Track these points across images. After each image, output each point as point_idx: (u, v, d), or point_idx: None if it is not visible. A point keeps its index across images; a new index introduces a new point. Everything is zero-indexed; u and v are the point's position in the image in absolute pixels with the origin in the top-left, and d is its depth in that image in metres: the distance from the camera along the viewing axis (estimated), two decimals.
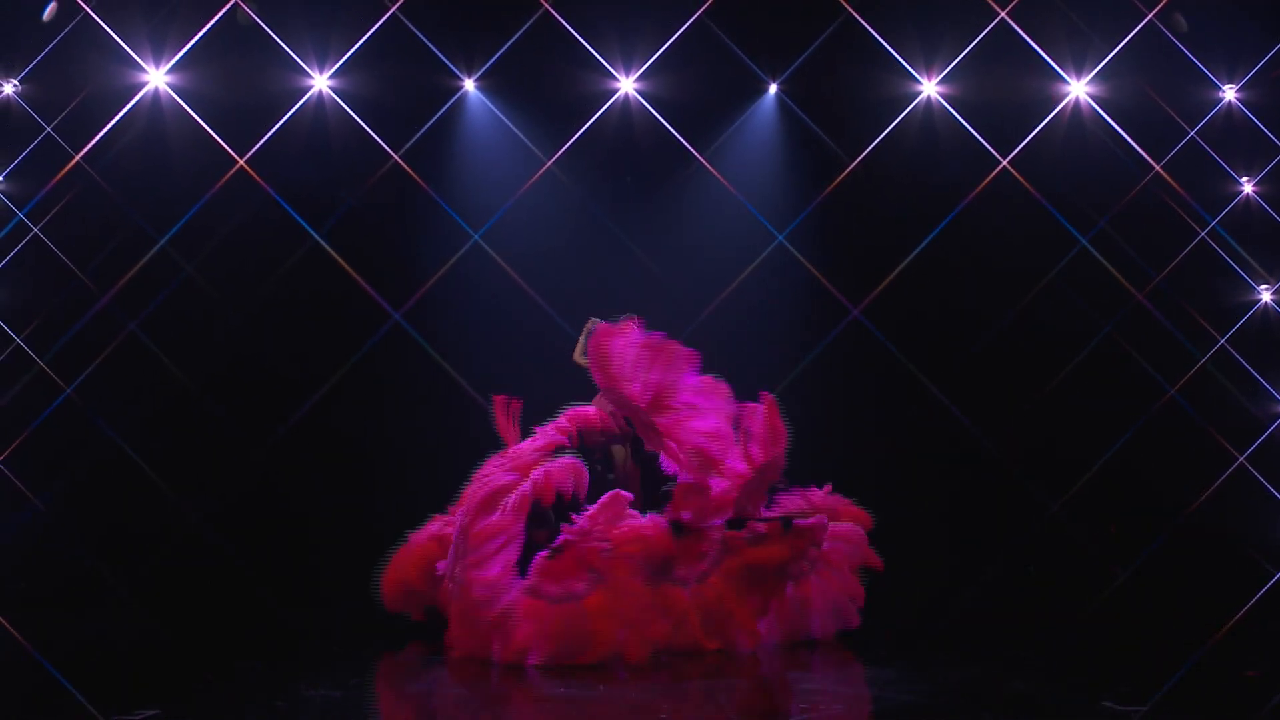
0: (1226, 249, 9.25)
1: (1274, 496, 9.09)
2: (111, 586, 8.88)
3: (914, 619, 8.52)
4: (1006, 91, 9.26)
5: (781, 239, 9.37)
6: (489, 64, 9.25)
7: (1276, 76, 9.17)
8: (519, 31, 9.04)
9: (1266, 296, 9.39)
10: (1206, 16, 9.13)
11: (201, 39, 8.87)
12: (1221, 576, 8.94)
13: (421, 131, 9.23)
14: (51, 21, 8.94)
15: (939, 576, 9.10)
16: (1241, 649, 7.67)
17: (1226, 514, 9.11)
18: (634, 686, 6.94)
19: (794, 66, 9.39)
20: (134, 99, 8.97)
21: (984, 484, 9.46)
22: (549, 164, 9.30)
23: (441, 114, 9.34)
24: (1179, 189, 9.19)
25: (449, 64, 9.21)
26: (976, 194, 9.27)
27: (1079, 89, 9.23)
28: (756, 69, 9.44)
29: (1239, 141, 9.21)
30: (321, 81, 9.13)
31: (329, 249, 9.18)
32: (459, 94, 9.42)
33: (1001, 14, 9.00)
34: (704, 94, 9.46)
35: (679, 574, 7.58)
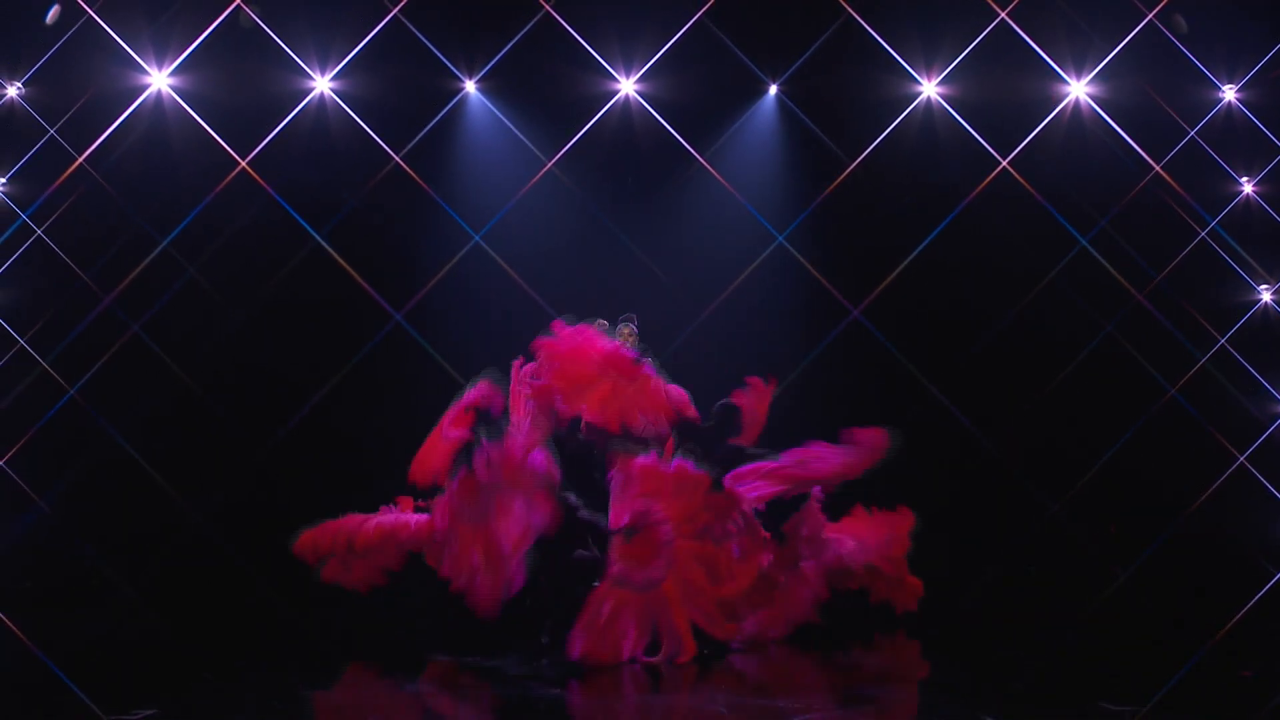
0: (1226, 249, 9.23)
1: (1274, 496, 9.08)
2: (115, 586, 8.91)
3: (914, 619, 8.52)
4: (1006, 92, 9.25)
5: (781, 240, 9.38)
6: (490, 65, 9.27)
7: (1276, 76, 9.15)
8: (520, 33, 9.05)
9: (1266, 296, 9.38)
10: (1206, 16, 9.11)
11: (204, 41, 8.91)
12: (1221, 576, 8.94)
13: (423, 133, 9.26)
14: (55, 24, 8.98)
15: (939, 576, 9.09)
16: (1242, 649, 7.67)
17: (1226, 514, 9.09)
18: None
19: (794, 67, 9.39)
20: (137, 101, 9.01)
21: (984, 484, 9.47)
22: (550, 165, 9.32)
23: (442, 115, 9.37)
24: (1179, 189, 9.17)
25: (450, 65, 9.23)
26: (976, 194, 9.27)
27: (1079, 89, 9.22)
28: (757, 70, 9.45)
29: (1239, 141, 9.19)
30: (323, 83, 9.16)
31: (330, 250, 9.21)
32: (460, 95, 9.44)
33: (1002, 14, 9.00)
34: (704, 95, 9.47)
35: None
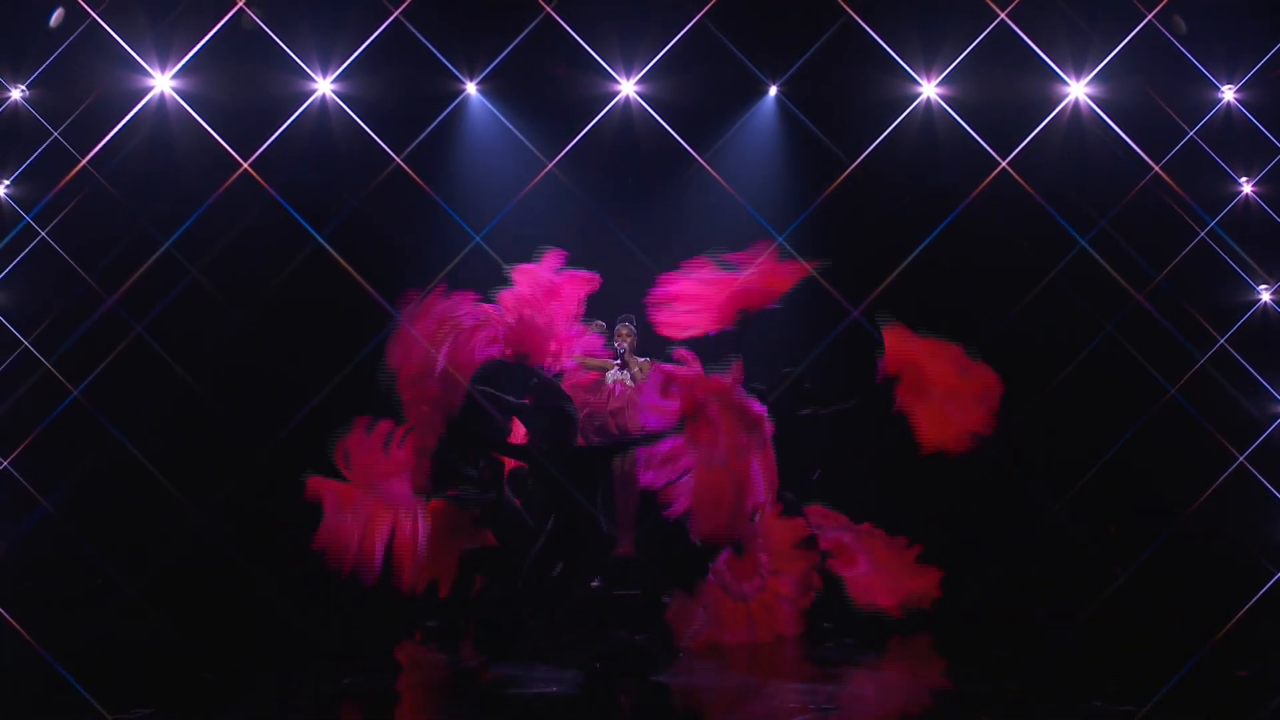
0: (1226, 249, 9.23)
1: (1274, 496, 9.07)
2: (116, 585, 8.95)
3: (914, 619, 8.53)
4: (1006, 92, 9.27)
5: (781, 240, 9.34)
6: (491, 67, 9.31)
7: (1276, 76, 9.15)
8: (520, 35, 9.07)
9: (1266, 296, 9.37)
10: (1206, 17, 9.12)
11: (206, 43, 8.96)
12: (1221, 576, 8.92)
13: (424, 134, 9.30)
14: (58, 27, 9.04)
15: (939, 577, 9.09)
16: (1242, 649, 7.67)
17: (1226, 514, 9.08)
18: None
19: (794, 68, 9.42)
20: (140, 103, 9.07)
21: (984, 484, 9.46)
22: (550, 166, 9.34)
23: (443, 117, 9.43)
24: (1178, 189, 9.17)
25: (451, 67, 9.27)
26: (977, 194, 9.27)
27: (1079, 90, 9.23)
28: (757, 71, 9.48)
29: (1238, 142, 9.21)
30: (325, 85, 9.20)
31: (332, 251, 9.23)
32: (461, 97, 9.49)
33: (1001, 15, 8.99)
34: (704, 96, 9.51)
35: None
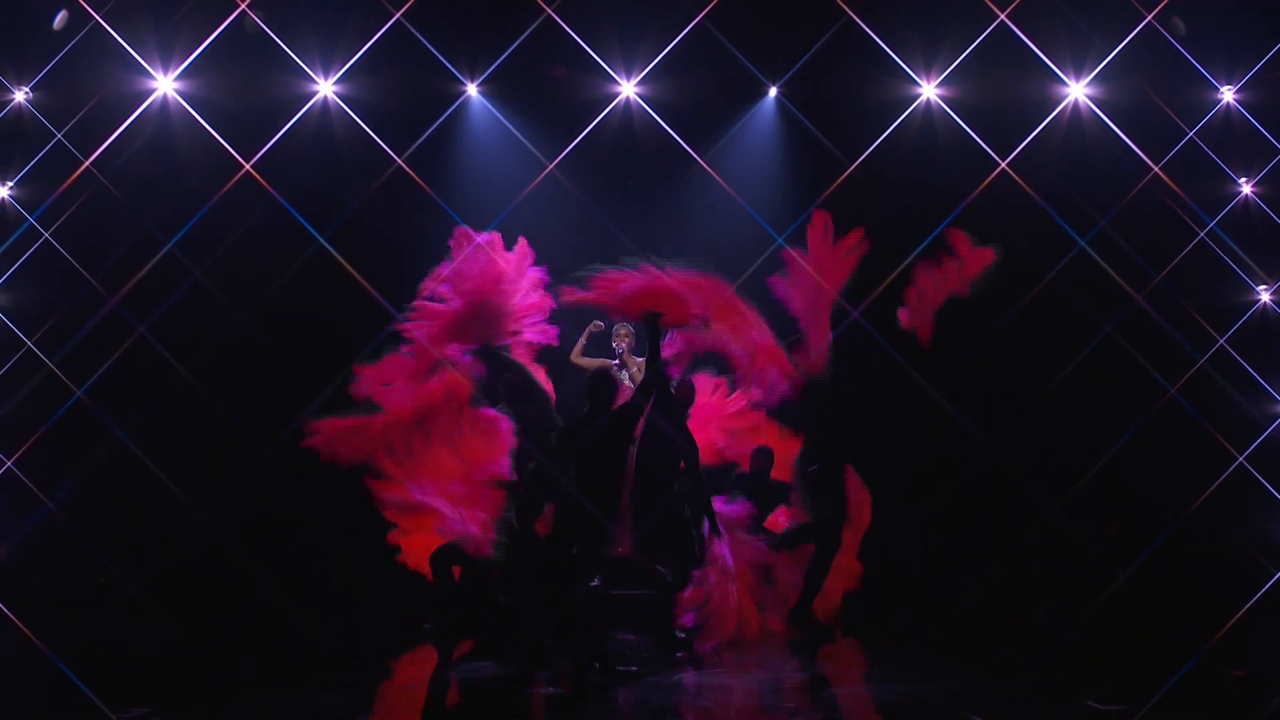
0: (1226, 249, 9.24)
1: (1274, 496, 9.07)
2: (120, 585, 8.99)
3: (914, 619, 8.55)
4: (1006, 93, 9.29)
5: (781, 241, 9.37)
6: (492, 69, 9.34)
7: (1276, 77, 9.16)
8: (521, 36, 9.10)
9: (1266, 296, 9.38)
10: (1206, 17, 9.13)
11: (209, 46, 9.00)
12: (1221, 576, 8.92)
13: (425, 136, 9.32)
14: (62, 29, 9.09)
15: (939, 576, 9.11)
16: (1242, 649, 7.67)
17: (1226, 514, 9.09)
18: None
19: (794, 69, 9.44)
20: (143, 105, 9.11)
21: (984, 484, 9.47)
22: (551, 167, 9.37)
23: (445, 118, 9.46)
24: (1178, 190, 9.18)
25: (452, 69, 9.31)
26: (977, 194, 9.28)
27: (1078, 90, 9.25)
28: (757, 72, 9.50)
29: (1238, 142, 9.22)
30: (326, 87, 9.24)
31: (334, 252, 9.26)
32: (462, 98, 9.53)
33: (1001, 16, 9.01)
34: (705, 97, 9.54)
35: None
